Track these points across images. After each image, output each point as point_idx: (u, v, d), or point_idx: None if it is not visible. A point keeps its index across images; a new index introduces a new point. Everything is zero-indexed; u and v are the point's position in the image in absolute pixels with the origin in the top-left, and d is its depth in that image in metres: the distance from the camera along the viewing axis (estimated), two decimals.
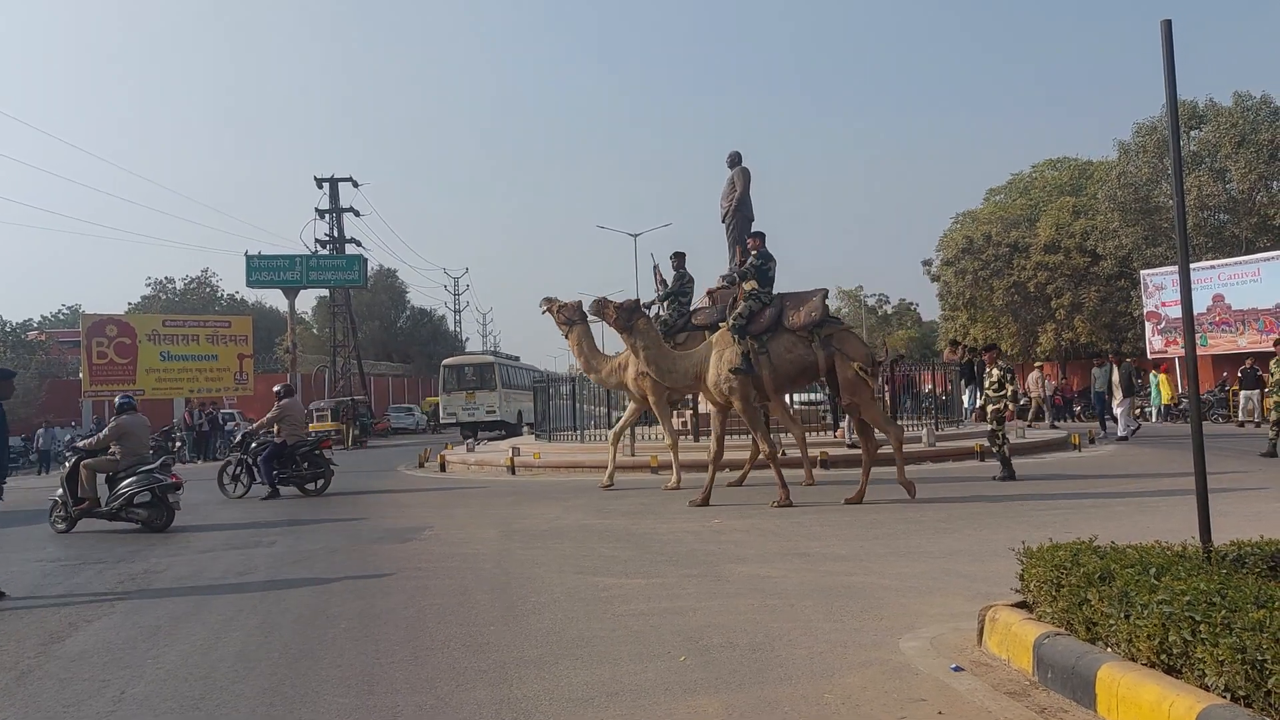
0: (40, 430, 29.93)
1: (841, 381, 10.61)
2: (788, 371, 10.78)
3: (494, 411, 31.29)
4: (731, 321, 10.94)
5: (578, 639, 5.11)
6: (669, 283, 13.68)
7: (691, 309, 13.68)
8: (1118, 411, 20.13)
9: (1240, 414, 22.65)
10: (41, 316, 58.57)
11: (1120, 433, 19.60)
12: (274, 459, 14.02)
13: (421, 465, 19.59)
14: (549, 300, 13.24)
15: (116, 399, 11.81)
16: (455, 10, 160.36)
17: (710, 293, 13.41)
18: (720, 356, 10.84)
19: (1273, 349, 19.91)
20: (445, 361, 35.89)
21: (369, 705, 4.21)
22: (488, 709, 4.09)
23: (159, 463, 10.96)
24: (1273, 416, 13.95)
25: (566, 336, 13.33)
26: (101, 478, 10.91)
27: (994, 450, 12.38)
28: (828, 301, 11.13)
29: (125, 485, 10.70)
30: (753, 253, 11.28)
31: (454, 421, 32.06)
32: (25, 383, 36.22)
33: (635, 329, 11.34)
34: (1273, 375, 14.25)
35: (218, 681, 4.65)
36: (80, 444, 11.84)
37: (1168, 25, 4.62)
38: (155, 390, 35.25)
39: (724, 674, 4.40)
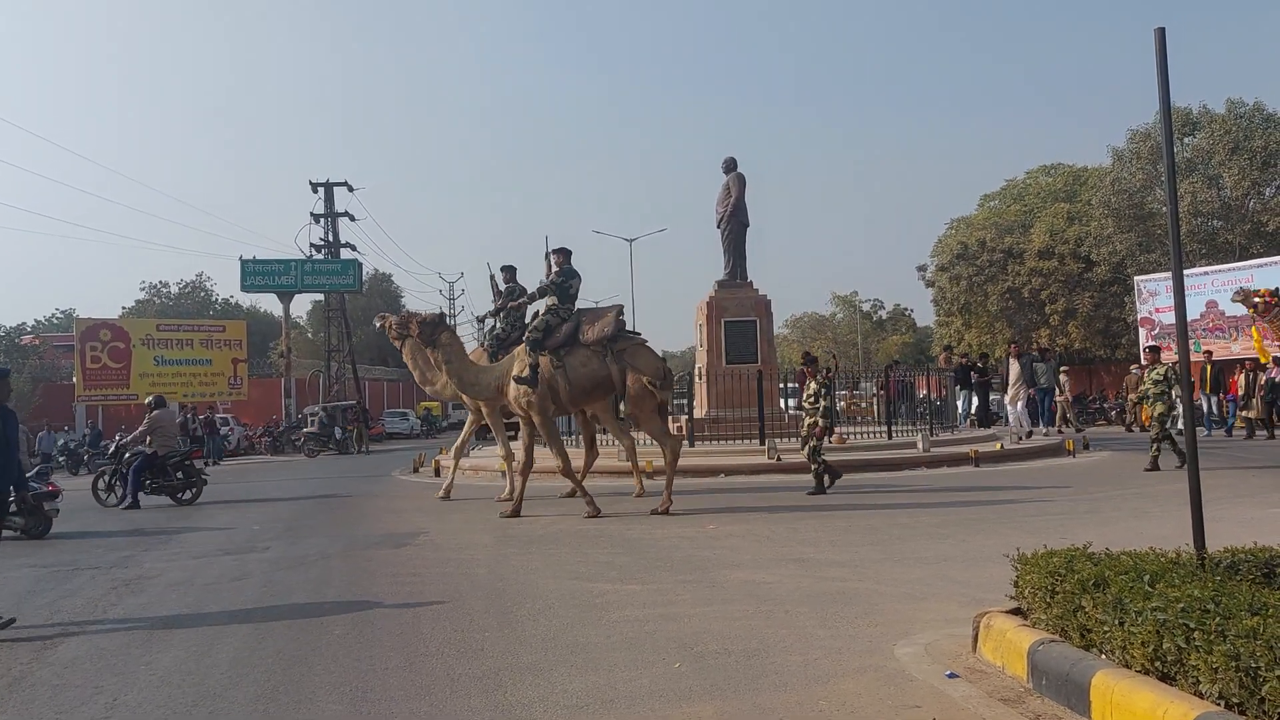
0: (41, 434, 29.90)
1: (629, 393, 10.90)
2: (583, 385, 11.02)
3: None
4: (527, 335, 11.18)
5: (572, 645, 5.11)
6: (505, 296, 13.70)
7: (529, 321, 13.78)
8: (1009, 406, 19.23)
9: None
10: (35, 320, 58.34)
11: (1013, 426, 18.77)
12: (145, 470, 14.27)
13: (416, 470, 19.53)
14: (383, 316, 13.48)
15: None
16: (450, 15, 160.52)
17: (497, 309, 13.53)
18: (516, 370, 11.13)
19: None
20: None
21: (363, 712, 4.20)
22: (482, 715, 4.09)
23: (35, 471, 11.08)
24: (1153, 431, 13.48)
25: (401, 349, 13.42)
26: None
27: (811, 466, 12.00)
28: (622, 317, 11.32)
29: None
30: (555, 269, 11.46)
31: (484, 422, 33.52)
32: (19, 386, 36.08)
33: (438, 343, 11.71)
34: (1145, 386, 13.72)
35: (211, 688, 4.64)
36: None
37: (1161, 33, 4.64)
38: (148, 395, 35.15)
39: (719, 681, 4.40)
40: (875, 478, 14.04)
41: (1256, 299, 13.49)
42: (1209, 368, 21.35)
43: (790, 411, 19.87)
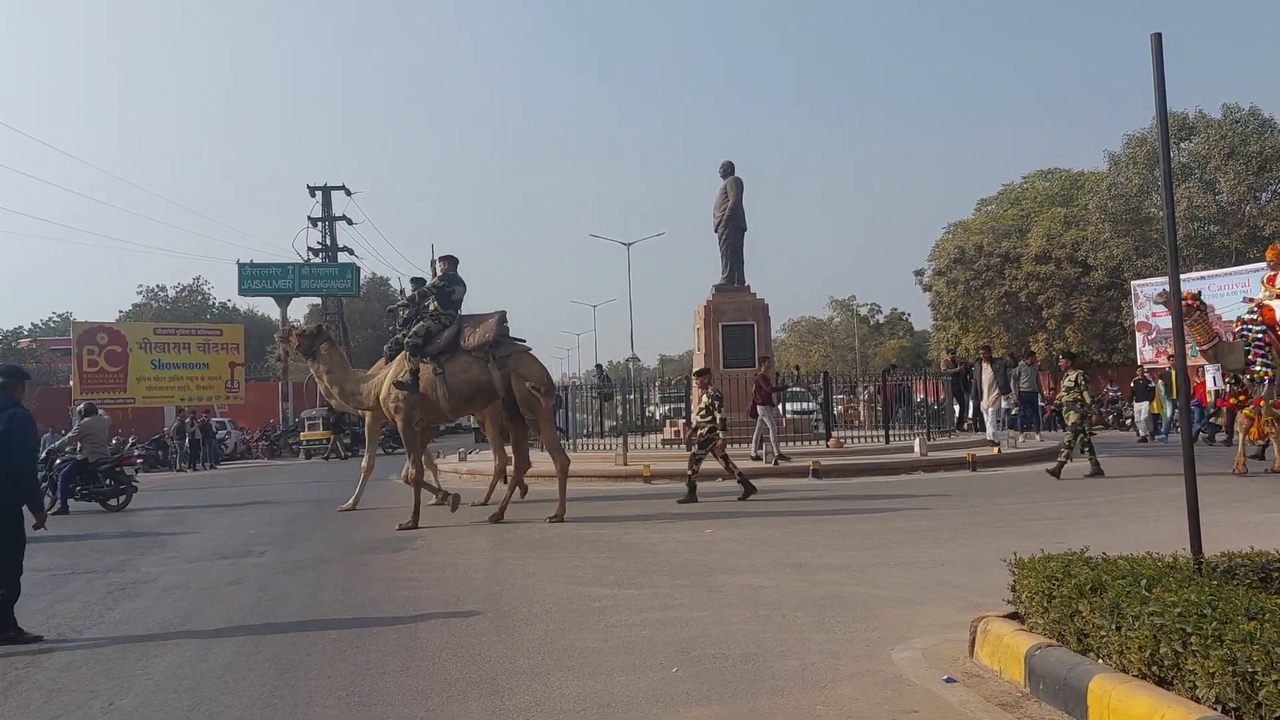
0: (45, 435, 29.90)
1: (518, 399, 10.98)
2: (463, 391, 11.05)
3: None
4: (407, 341, 11.20)
5: (569, 650, 5.10)
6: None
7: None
8: (986, 412, 18.54)
9: (1140, 428, 21.78)
10: (32, 324, 58.25)
11: (990, 435, 17.96)
12: (74, 475, 14.50)
13: None
14: (290, 329, 13.43)
15: None
16: (449, 20, 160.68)
17: (390, 310, 13.49)
18: (394, 376, 11.17)
19: (1067, 365, 19.76)
20: None
21: (359, 716, 4.19)
22: None
23: None
24: (1067, 438, 13.40)
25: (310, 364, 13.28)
26: None
27: (689, 472, 12.03)
28: (505, 324, 11.35)
29: None
30: (439, 275, 11.54)
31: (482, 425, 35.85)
32: None
33: (317, 354, 11.89)
34: (1063, 395, 13.66)
35: (207, 693, 4.62)
36: None
37: (1158, 39, 4.65)
38: (146, 399, 35.09)
39: (716, 685, 4.40)
40: (873, 481, 14.04)
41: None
42: (1173, 373, 21.28)
43: (786, 416, 19.88)
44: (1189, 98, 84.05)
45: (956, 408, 21.62)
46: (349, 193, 42.99)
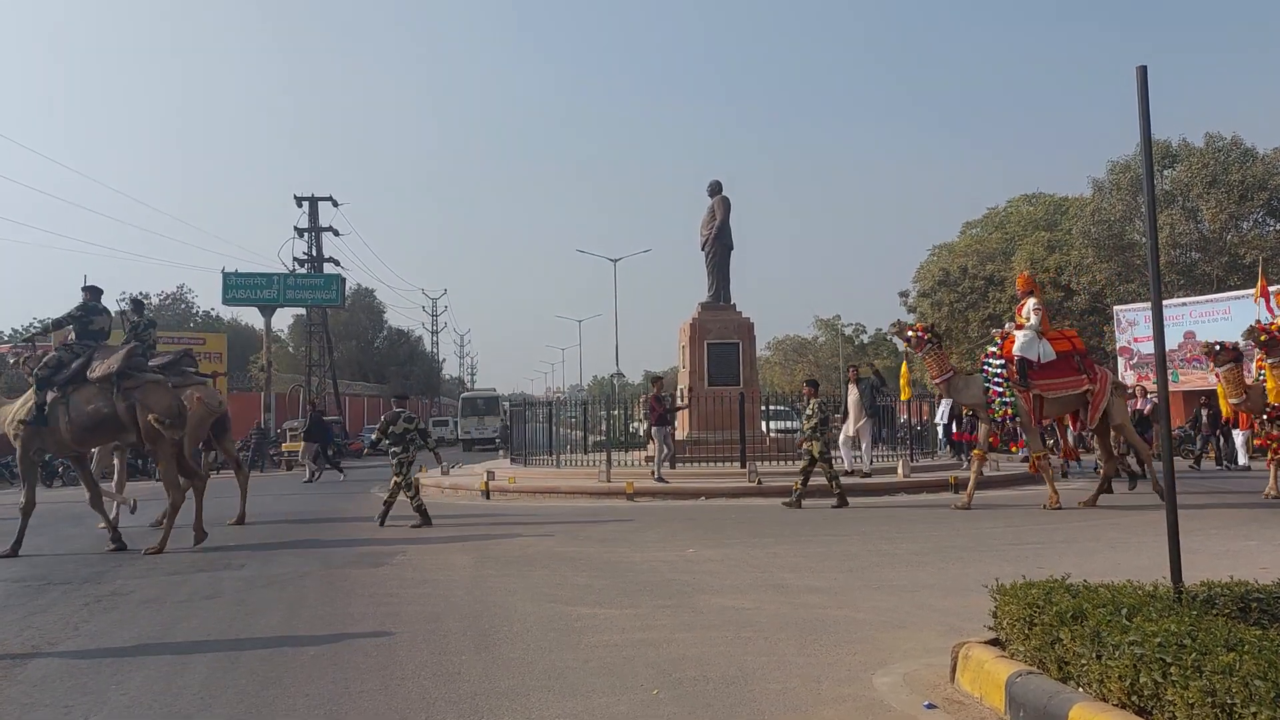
0: None
1: (142, 430, 10.67)
2: (85, 423, 10.74)
3: (497, 431, 40.69)
4: (35, 373, 10.97)
5: (550, 670, 5.08)
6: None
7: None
8: (846, 440, 16.67)
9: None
10: (12, 330, 57.79)
11: (847, 466, 16.15)
12: None
13: None
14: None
15: None
16: (444, 36, 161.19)
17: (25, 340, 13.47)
18: (22, 405, 10.98)
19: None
20: (463, 394, 53.15)
21: None
22: None
23: None
24: (801, 463, 13.39)
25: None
26: None
27: (412, 500, 12.41)
28: (139, 356, 11.11)
29: None
30: (80, 304, 11.41)
31: (469, 438, 41.36)
32: None
33: None
34: (805, 420, 13.63)
35: (182, 709, 4.57)
36: None
37: (1143, 71, 4.70)
38: None
39: (697, 708, 4.38)
40: (855, 503, 14.04)
41: (910, 333, 13.54)
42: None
43: (770, 435, 19.91)
44: (1172, 126, 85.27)
45: (940, 429, 21.72)
46: (336, 204, 42.99)
